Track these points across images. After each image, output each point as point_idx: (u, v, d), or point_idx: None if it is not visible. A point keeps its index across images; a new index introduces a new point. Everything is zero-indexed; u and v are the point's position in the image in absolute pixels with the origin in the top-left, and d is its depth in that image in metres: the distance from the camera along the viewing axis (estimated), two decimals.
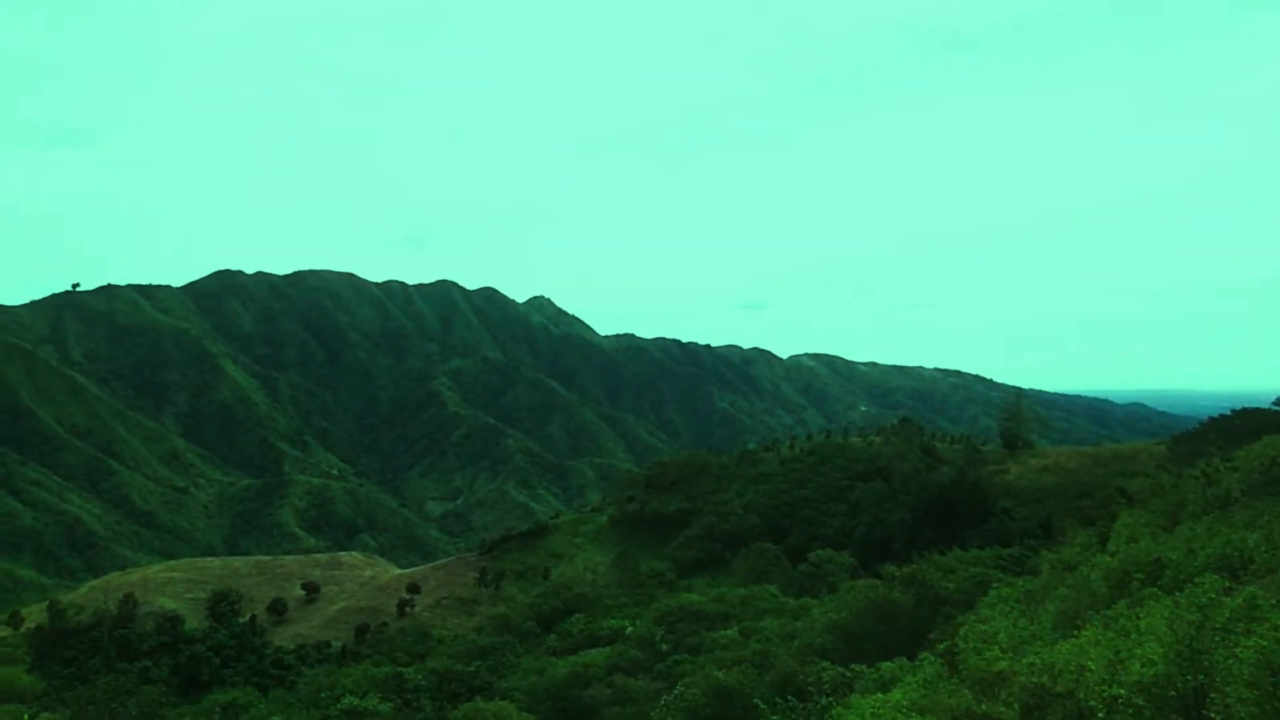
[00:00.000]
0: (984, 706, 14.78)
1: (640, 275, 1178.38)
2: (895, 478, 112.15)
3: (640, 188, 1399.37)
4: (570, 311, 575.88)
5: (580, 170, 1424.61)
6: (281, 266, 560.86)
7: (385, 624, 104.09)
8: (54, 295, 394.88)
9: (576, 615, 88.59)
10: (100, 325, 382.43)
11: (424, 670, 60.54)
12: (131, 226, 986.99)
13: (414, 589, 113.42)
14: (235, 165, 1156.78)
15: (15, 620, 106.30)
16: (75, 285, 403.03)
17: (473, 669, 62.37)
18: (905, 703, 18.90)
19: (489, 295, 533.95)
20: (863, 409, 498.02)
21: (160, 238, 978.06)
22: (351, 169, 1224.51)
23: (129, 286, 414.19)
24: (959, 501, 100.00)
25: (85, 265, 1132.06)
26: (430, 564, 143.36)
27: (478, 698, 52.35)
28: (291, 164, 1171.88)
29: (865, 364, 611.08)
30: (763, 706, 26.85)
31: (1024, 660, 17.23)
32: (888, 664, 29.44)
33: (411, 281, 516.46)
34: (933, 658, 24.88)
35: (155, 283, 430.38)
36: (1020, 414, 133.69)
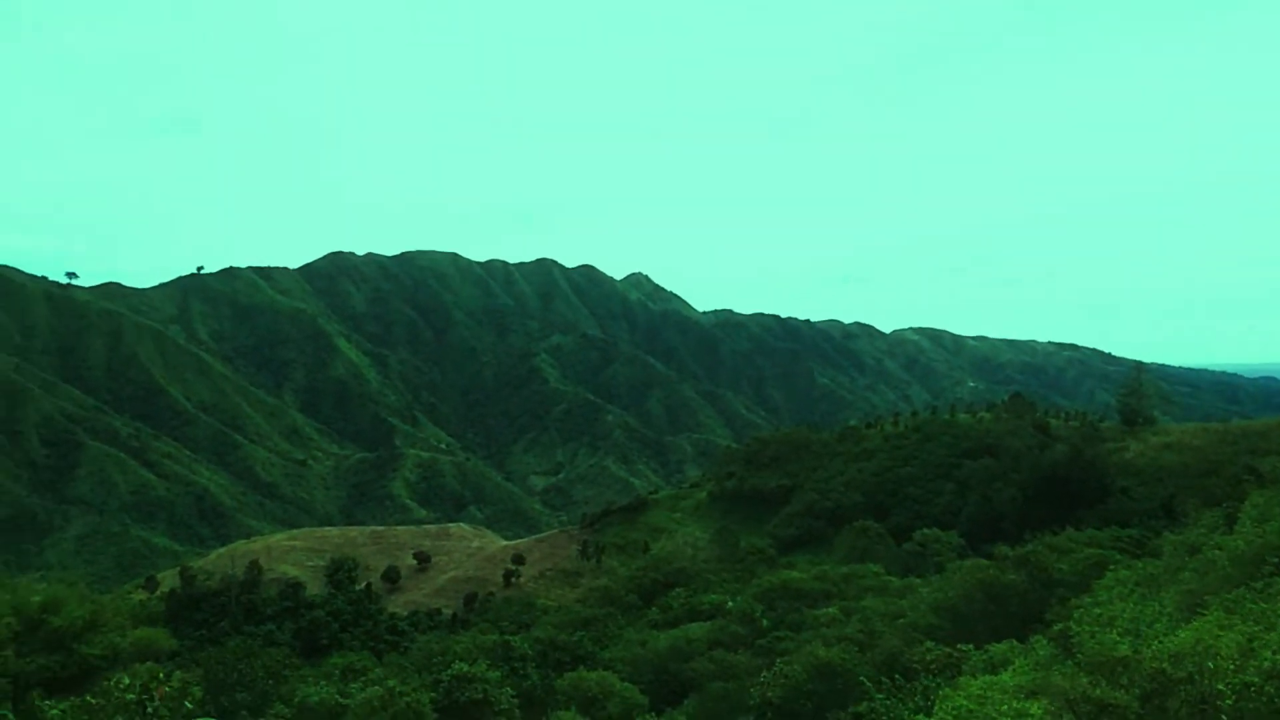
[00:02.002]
0: (1101, 691, 14.29)
1: (738, 250, 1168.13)
2: (1005, 455, 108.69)
3: (738, 163, 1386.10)
4: (668, 288, 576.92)
5: (677, 146, 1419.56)
6: (390, 247, 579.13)
7: (492, 593, 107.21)
8: (180, 278, 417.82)
9: (677, 589, 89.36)
10: (223, 306, 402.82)
11: (529, 639, 62.15)
12: (249, 211, 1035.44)
13: (519, 560, 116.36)
14: (346, 150, 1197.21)
15: (151, 584, 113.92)
16: (200, 268, 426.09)
17: (576, 639, 63.70)
18: (1016, 685, 18.45)
19: (588, 273, 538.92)
20: (971, 384, 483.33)
21: (277, 221, 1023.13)
22: (457, 150, 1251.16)
23: (249, 268, 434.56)
24: (1074, 480, 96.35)
25: (208, 249, 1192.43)
26: (534, 536, 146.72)
27: (581, 667, 53.48)
28: (399, 147, 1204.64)
29: (973, 338, 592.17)
30: (868, 685, 26.64)
31: (1146, 645, 16.59)
32: (997, 646, 28.74)
33: (512, 260, 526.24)
34: (1045, 641, 24.20)
35: (273, 265, 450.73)
36: (1141, 389, 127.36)
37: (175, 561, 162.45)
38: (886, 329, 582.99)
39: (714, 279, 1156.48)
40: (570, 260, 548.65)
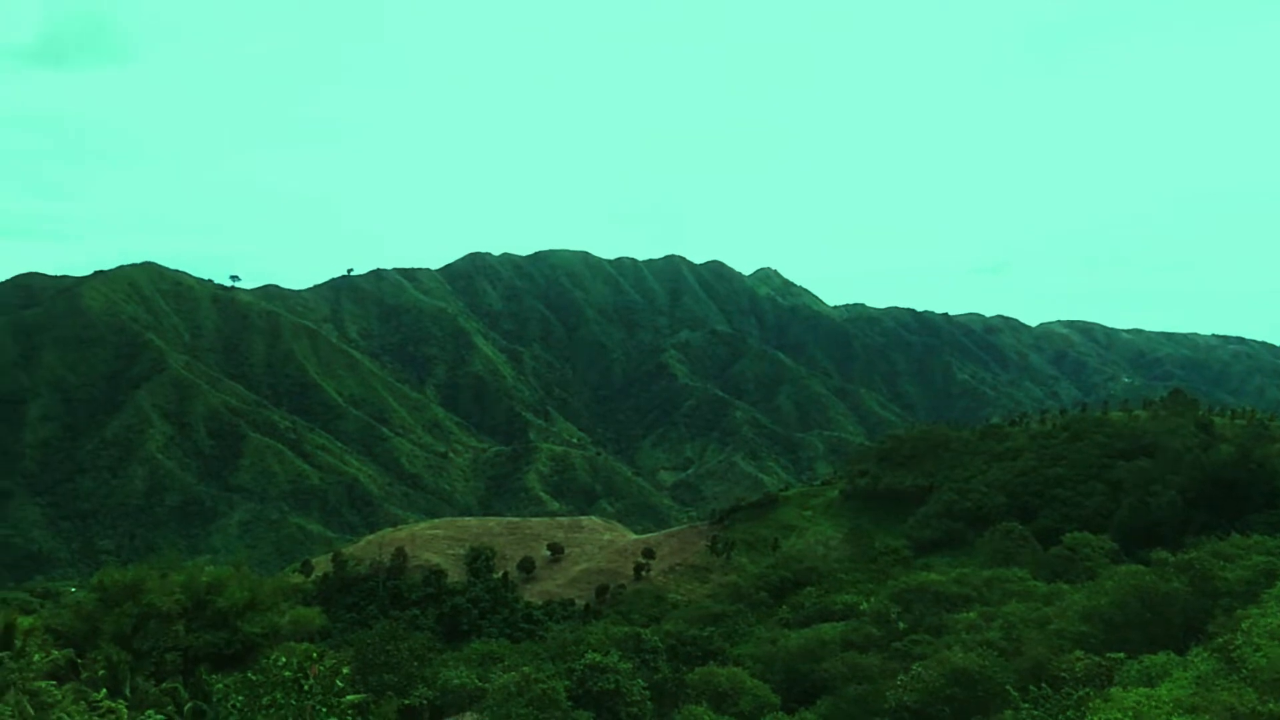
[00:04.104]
0: (1273, 707, 13.23)
1: (870, 243, 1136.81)
2: (1164, 456, 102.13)
3: (869, 152, 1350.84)
4: (797, 282, 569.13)
5: (806, 138, 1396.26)
6: (524, 247, 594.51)
7: (623, 586, 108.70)
8: (332, 279, 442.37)
9: (808, 588, 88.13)
10: (371, 305, 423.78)
11: (660, 632, 62.60)
12: (395, 214, 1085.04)
13: (649, 554, 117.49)
14: (483, 153, 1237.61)
15: (307, 569, 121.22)
16: (350, 270, 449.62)
17: (706, 634, 63.73)
18: (1175, 699, 17.30)
19: (716, 268, 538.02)
20: (1125, 380, 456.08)
21: (420, 223, 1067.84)
22: (588, 149, 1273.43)
23: (395, 270, 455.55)
24: (1240, 482, 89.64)
25: (358, 251, 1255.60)
26: (664, 531, 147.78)
27: (712, 662, 53.48)
28: (532, 149, 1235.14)
29: (1128, 331, 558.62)
30: (1014, 693, 25.57)
31: None
32: (1153, 657, 27.04)
33: (641, 257, 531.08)
34: (1207, 653, 22.61)
35: (417, 266, 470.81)
36: None
37: (328, 547, 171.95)
38: (1032, 322, 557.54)
39: (845, 272, 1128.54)
40: (699, 256, 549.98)
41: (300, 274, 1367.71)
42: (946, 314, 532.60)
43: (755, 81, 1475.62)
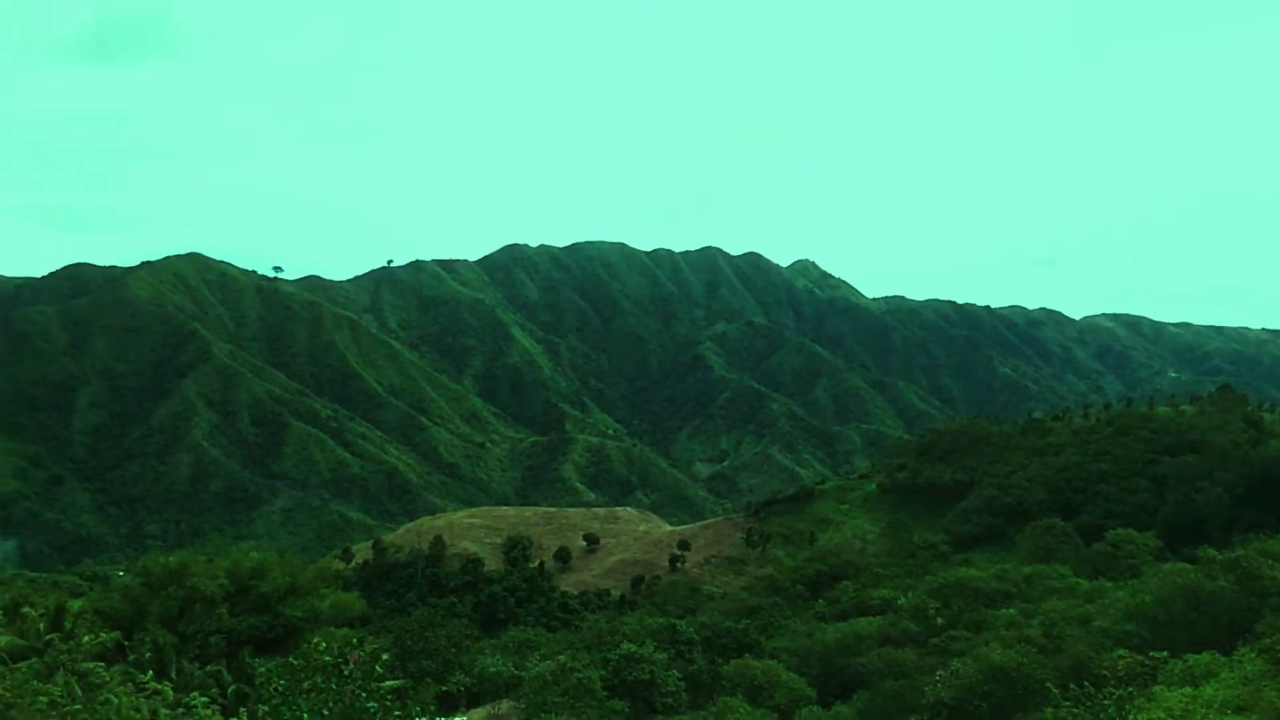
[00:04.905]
0: None
1: (910, 235, 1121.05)
2: (1212, 452, 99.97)
3: (911, 141, 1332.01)
4: (836, 274, 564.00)
5: (844, 127, 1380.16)
6: (561, 238, 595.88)
7: (658, 577, 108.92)
8: (372, 270, 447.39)
9: (845, 582, 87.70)
10: (410, 296, 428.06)
11: (695, 624, 62.69)
12: (433, 205, 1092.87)
13: (684, 545, 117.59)
14: (520, 144, 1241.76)
15: (346, 555, 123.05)
16: (389, 261, 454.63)
17: (741, 627, 63.71)
18: (1221, 700, 16.96)
19: (753, 260, 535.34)
20: (1172, 375, 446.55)
21: (458, 214, 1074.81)
22: (624, 140, 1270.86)
23: (433, 261, 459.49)
24: None
25: (397, 242, 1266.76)
26: (699, 523, 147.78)
27: (747, 655, 53.46)
28: (569, 140, 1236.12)
29: (1175, 324, 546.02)
30: (1054, 690, 25.22)
31: None
32: (1198, 657, 26.51)
33: (678, 249, 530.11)
34: (1254, 654, 22.11)
35: (455, 257, 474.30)
36: None
37: (368, 535, 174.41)
38: (1076, 315, 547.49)
39: (885, 264, 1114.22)
40: (736, 248, 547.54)
41: (341, 265, 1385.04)
42: (988, 306, 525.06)
43: (796, 72, 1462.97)
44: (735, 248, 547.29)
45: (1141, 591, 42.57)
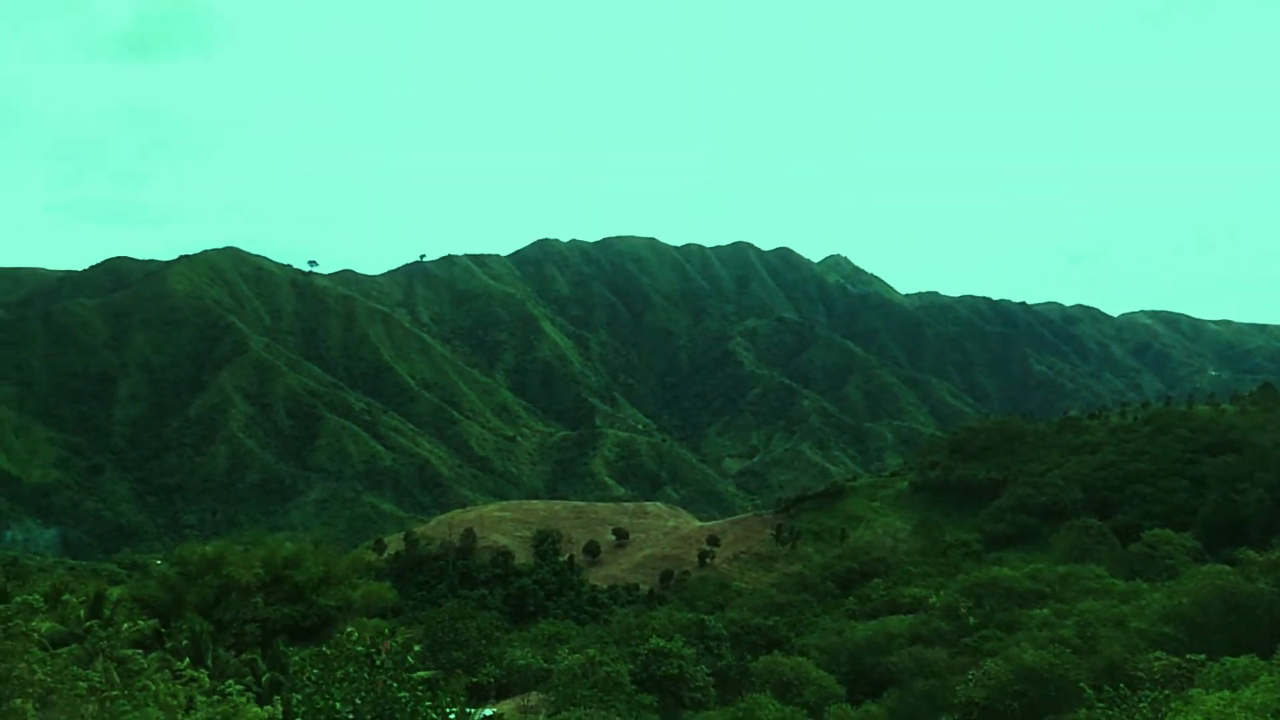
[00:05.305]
0: None
1: (944, 230, 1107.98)
2: (1252, 452, 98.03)
3: (945, 137, 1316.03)
4: (868, 270, 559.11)
5: (877, 121, 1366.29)
6: (592, 233, 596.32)
7: (687, 572, 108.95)
8: (405, 265, 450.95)
9: (876, 580, 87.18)
10: (442, 290, 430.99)
11: (724, 619, 62.65)
12: (466, 200, 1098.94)
13: (713, 541, 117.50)
14: (552, 139, 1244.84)
15: (379, 547, 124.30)
16: (422, 256, 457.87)
17: (771, 623, 63.59)
18: (1261, 703, 16.64)
19: (784, 255, 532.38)
20: (1212, 373, 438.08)
21: (490, 209, 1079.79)
22: (655, 135, 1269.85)
23: (465, 256, 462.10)
24: None
25: (430, 237, 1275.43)
26: (728, 518, 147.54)
27: (776, 651, 53.33)
28: (600, 134, 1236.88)
29: (1216, 322, 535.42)
30: (1088, 691, 24.90)
31: None
32: (1236, 660, 26.02)
33: (709, 244, 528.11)
34: None
35: (486, 252, 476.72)
36: None
37: (400, 526, 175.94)
38: (1114, 312, 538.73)
39: (918, 260, 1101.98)
40: (767, 243, 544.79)
41: (375, 260, 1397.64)
42: (1024, 303, 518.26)
43: (829, 67, 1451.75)
44: (766, 243, 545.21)
45: (1179, 593, 41.90)
